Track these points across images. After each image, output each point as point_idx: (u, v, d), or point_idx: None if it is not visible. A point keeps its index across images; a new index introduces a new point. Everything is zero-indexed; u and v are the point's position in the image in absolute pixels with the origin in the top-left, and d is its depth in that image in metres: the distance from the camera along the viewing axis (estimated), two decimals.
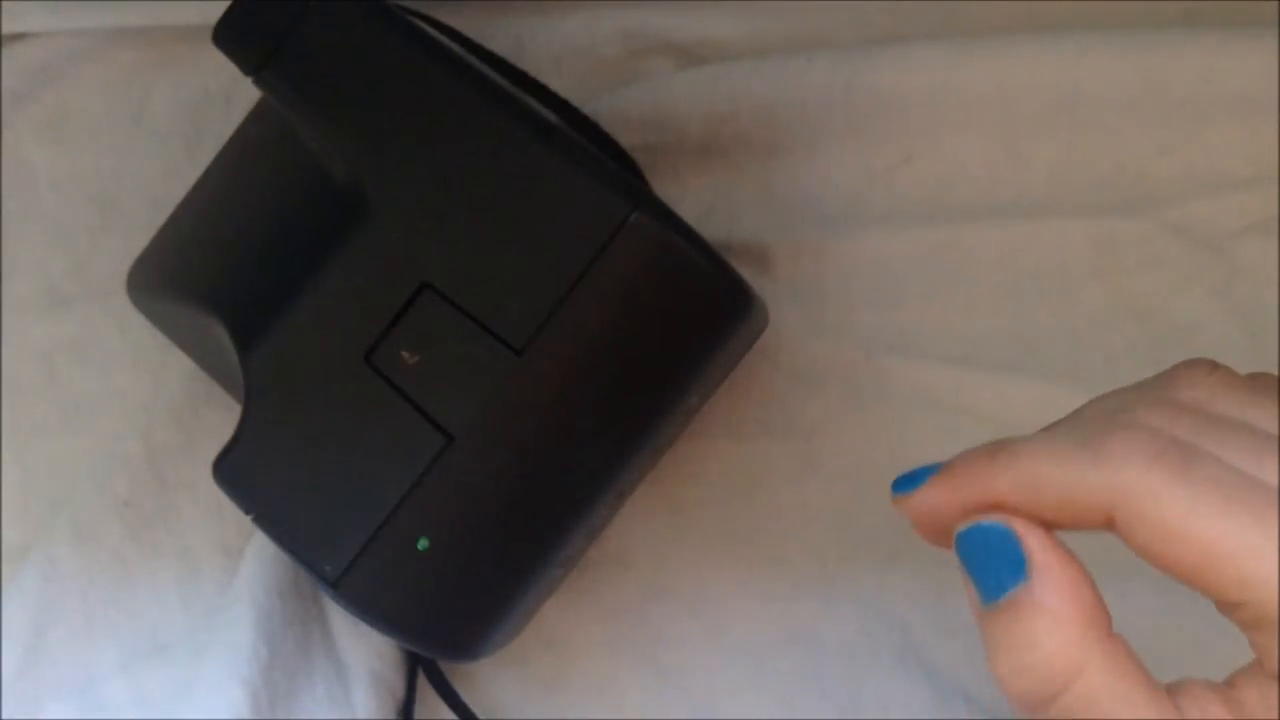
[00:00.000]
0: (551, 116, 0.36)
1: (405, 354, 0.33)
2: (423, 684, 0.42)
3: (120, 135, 0.46)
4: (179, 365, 0.44)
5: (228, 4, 0.35)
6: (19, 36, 0.46)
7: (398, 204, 0.33)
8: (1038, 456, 0.25)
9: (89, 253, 0.46)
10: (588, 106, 0.41)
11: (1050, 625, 0.24)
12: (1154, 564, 0.24)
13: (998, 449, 0.26)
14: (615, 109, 0.43)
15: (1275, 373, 0.40)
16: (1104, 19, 0.42)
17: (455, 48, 0.36)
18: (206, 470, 0.34)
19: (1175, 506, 0.23)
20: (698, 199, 0.43)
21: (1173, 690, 0.24)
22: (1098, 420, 0.26)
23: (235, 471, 0.34)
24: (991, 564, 0.25)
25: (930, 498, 0.26)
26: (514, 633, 0.36)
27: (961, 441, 0.27)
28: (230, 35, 0.35)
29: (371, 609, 0.33)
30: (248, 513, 0.34)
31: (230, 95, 0.46)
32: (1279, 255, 0.41)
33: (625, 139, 0.42)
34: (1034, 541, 0.25)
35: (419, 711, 0.42)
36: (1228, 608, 0.24)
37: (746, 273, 0.34)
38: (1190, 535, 0.23)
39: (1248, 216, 0.42)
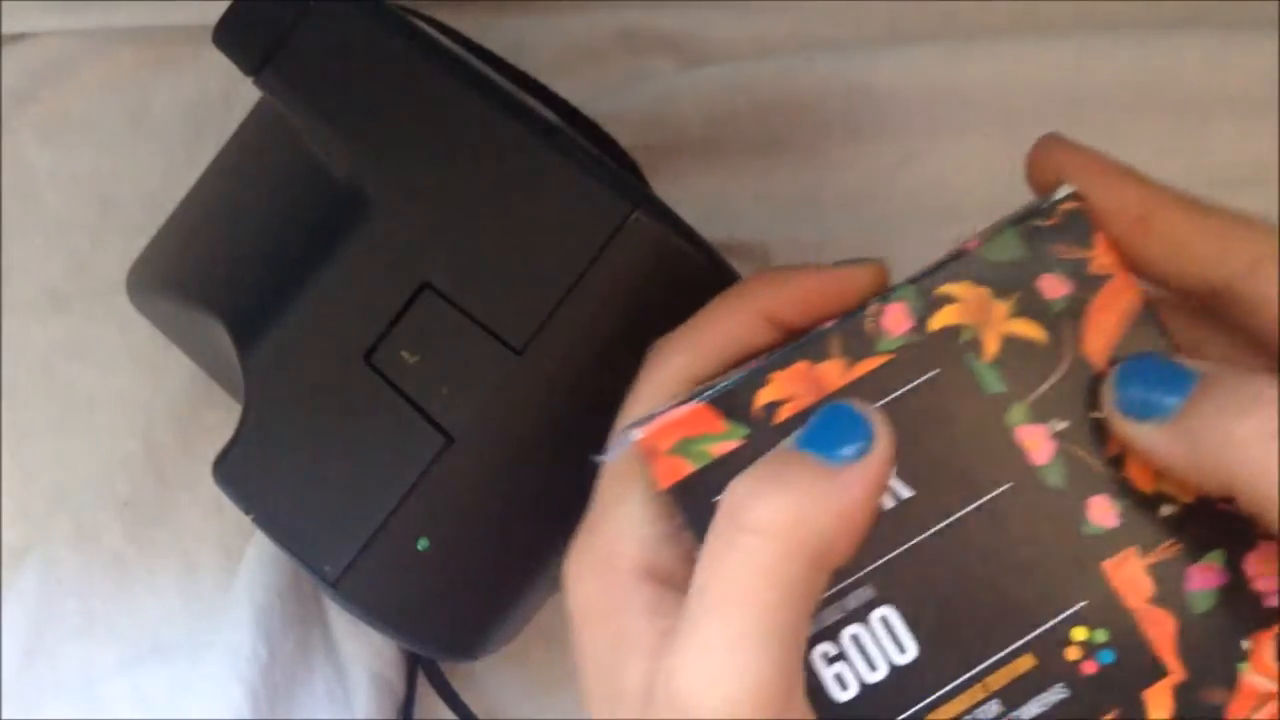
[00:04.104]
0: (551, 116, 0.36)
1: (405, 354, 0.33)
2: (423, 684, 0.42)
3: (120, 135, 0.46)
4: (179, 365, 0.44)
5: (228, 4, 0.35)
6: (19, 36, 0.46)
7: (398, 204, 0.33)
8: None
9: (89, 253, 0.46)
10: (588, 106, 0.41)
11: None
12: None
13: None
14: (615, 109, 0.43)
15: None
16: (1104, 19, 0.42)
17: (455, 48, 0.36)
18: (206, 470, 0.34)
19: None
20: (698, 199, 0.43)
21: None
22: None
23: (235, 471, 0.34)
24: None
25: None
26: (514, 632, 0.36)
27: None
28: (230, 35, 0.35)
29: (371, 609, 0.33)
30: (248, 513, 0.34)
31: (230, 95, 0.46)
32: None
33: (625, 139, 0.42)
34: None
35: (419, 711, 0.42)
36: None
37: (746, 273, 0.33)
38: None
39: None
